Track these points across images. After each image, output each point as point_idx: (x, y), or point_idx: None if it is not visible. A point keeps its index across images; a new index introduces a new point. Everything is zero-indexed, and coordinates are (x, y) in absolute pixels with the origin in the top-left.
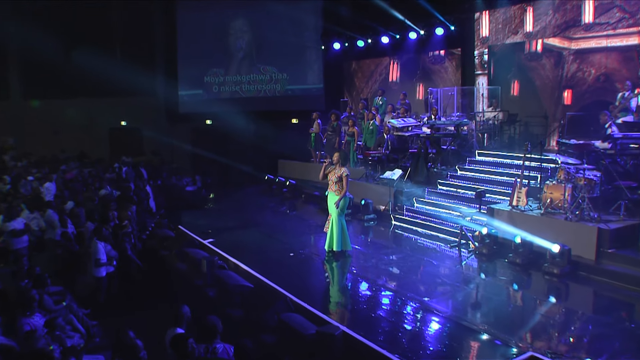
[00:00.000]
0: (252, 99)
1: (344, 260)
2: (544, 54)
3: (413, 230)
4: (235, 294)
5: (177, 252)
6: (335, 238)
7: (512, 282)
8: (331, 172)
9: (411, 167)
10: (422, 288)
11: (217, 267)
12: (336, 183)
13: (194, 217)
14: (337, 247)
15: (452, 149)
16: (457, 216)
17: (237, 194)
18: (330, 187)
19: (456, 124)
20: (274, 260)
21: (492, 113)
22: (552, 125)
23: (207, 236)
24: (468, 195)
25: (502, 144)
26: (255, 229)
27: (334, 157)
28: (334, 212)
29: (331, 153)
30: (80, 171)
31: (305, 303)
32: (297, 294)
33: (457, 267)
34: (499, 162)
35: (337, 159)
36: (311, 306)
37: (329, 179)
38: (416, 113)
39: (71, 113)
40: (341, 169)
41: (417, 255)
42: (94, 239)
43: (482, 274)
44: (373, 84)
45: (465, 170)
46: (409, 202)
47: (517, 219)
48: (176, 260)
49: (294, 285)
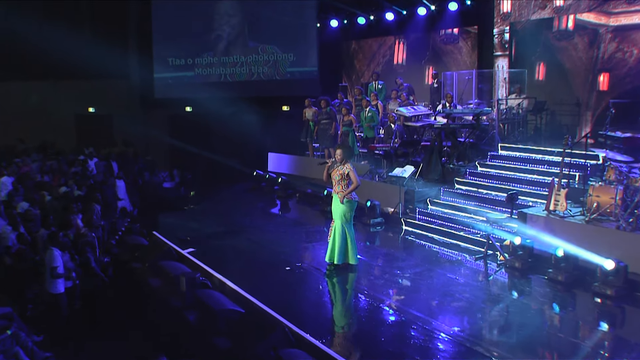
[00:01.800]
0: (237, 83)
1: (349, 276)
2: (576, 32)
3: (428, 238)
4: (221, 320)
5: (150, 265)
6: (337, 248)
7: (554, 303)
8: (334, 171)
9: (423, 162)
10: (451, 316)
11: (198, 285)
12: (339, 182)
13: (172, 221)
14: (338, 259)
15: (471, 141)
16: (480, 221)
17: (221, 192)
18: (334, 187)
19: (476, 113)
20: (267, 277)
21: (516, 100)
22: (584, 115)
23: (186, 245)
24: (492, 197)
25: (527, 136)
26: (243, 236)
27: (337, 153)
28: (338, 219)
29: (325, 143)
30: (41, 164)
31: (307, 334)
32: (298, 322)
33: (488, 286)
34: (527, 157)
35: (341, 155)
36: (315, 338)
37: (332, 178)
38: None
39: (32, 97)
40: (345, 165)
41: (437, 270)
42: (49, 246)
43: (516, 293)
44: (375, 67)
45: (487, 166)
46: (421, 204)
47: (555, 226)
48: (149, 274)
49: (292, 309)
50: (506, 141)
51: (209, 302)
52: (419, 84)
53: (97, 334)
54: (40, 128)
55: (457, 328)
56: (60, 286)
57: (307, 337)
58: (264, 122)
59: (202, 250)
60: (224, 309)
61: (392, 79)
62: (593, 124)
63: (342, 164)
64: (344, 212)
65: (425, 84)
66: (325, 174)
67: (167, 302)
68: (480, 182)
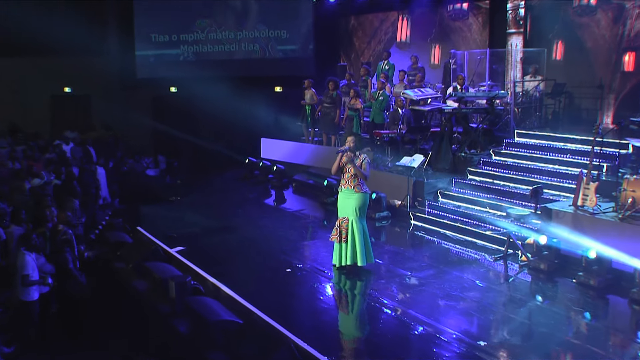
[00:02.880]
0: (226, 62)
1: (357, 280)
2: (600, 7)
3: (439, 234)
4: (217, 332)
5: (135, 265)
6: (358, 249)
7: (585, 312)
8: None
9: (432, 150)
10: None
11: (189, 291)
12: (354, 176)
13: (157, 214)
14: (361, 259)
15: (485, 127)
16: (498, 217)
17: (210, 182)
18: (346, 182)
19: (490, 97)
20: (265, 280)
21: (533, 83)
22: (607, 98)
23: (174, 242)
24: (509, 189)
25: (545, 122)
26: (237, 232)
27: (348, 142)
28: (351, 215)
29: (326, 129)
30: (11, 150)
31: (315, 351)
32: (303, 335)
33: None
34: (547, 145)
35: (353, 142)
36: (324, 355)
37: (345, 170)
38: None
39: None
40: (359, 155)
41: (453, 272)
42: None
43: (544, 299)
44: (376, 45)
45: (502, 155)
46: (431, 197)
47: (584, 224)
48: (134, 276)
49: (296, 319)
50: (522, 127)
51: (202, 312)
52: (424, 65)
53: (75, 343)
54: (10, 109)
55: (484, 343)
56: (33, 293)
57: (316, 354)
58: (256, 104)
59: (192, 248)
60: (219, 320)
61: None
62: (616, 108)
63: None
64: (358, 206)
65: (431, 63)
66: (337, 165)
67: (155, 308)
68: (495, 172)
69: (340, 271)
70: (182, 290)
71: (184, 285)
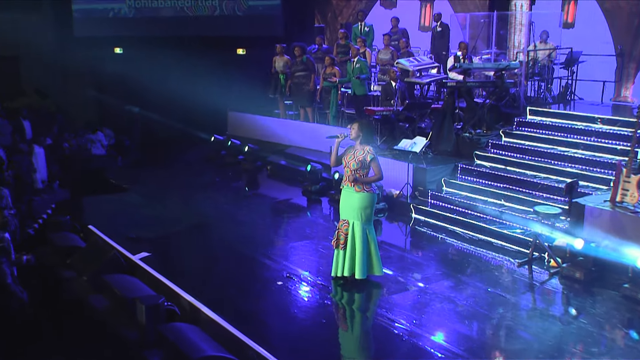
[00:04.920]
0: (180, 19)
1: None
2: None
3: (447, 231)
4: None
5: (91, 277)
6: (358, 258)
7: (631, 330)
8: (348, 154)
9: (433, 130)
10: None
11: (163, 317)
12: (357, 172)
13: (110, 206)
14: (360, 272)
15: (492, 104)
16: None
17: (170, 164)
18: (346, 178)
19: (500, 68)
20: (253, 296)
21: (545, 51)
22: (627, 67)
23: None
24: (526, 179)
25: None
26: (210, 231)
27: (352, 129)
28: (352, 218)
29: (301, 102)
30: None
31: None
32: None
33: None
34: (566, 125)
35: (357, 132)
36: None
37: (345, 164)
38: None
39: None
40: (364, 148)
41: (475, 283)
42: None
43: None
44: (357, 3)
45: (514, 136)
46: (434, 185)
47: (626, 224)
48: (89, 290)
49: (297, 349)
50: (534, 103)
51: (181, 346)
52: (413, 28)
53: None
54: None
55: None
56: None
57: None
58: (220, 71)
59: (158, 254)
60: (204, 356)
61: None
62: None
63: (358, 144)
64: (361, 208)
65: (421, 24)
66: (335, 156)
67: (117, 333)
68: (507, 157)
69: (337, 283)
70: (155, 316)
71: (157, 310)
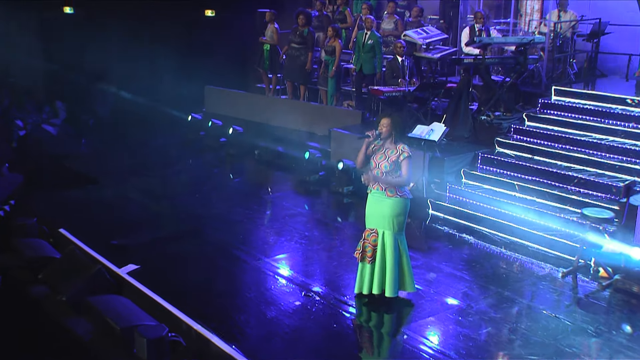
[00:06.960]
0: None
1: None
2: None
3: (470, 230)
4: None
5: (70, 300)
6: (389, 274)
7: None
8: (378, 153)
9: (447, 112)
10: None
11: (168, 350)
12: (389, 173)
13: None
14: (391, 290)
15: (514, 82)
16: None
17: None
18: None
19: (524, 43)
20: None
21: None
22: None
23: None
24: (559, 172)
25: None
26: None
27: (382, 124)
28: (382, 227)
29: (294, 77)
30: None
31: None
32: None
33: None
34: (600, 109)
35: (388, 128)
36: None
37: (374, 165)
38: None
39: None
40: (397, 147)
41: (521, 300)
42: None
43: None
44: None
45: (539, 120)
46: (452, 177)
47: None
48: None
49: None
50: (556, 82)
51: None
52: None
53: None
54: None
55: None
56: None
57: None
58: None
59: (147, 267)
60: None
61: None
62: None
63: (390, 142)
64: (393, 216)
65: None
66: (362, 155)
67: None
68: (533, 144)
69: (361, 301)
70: (159, 351)
71: (161, 343)
